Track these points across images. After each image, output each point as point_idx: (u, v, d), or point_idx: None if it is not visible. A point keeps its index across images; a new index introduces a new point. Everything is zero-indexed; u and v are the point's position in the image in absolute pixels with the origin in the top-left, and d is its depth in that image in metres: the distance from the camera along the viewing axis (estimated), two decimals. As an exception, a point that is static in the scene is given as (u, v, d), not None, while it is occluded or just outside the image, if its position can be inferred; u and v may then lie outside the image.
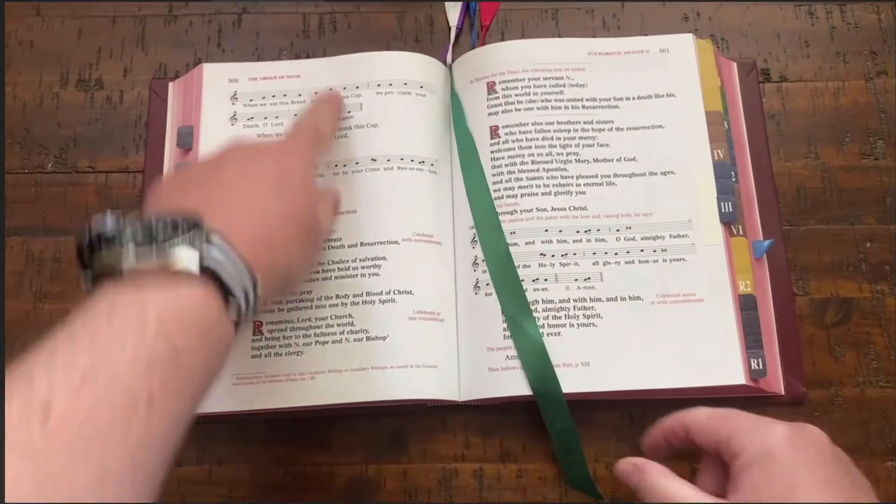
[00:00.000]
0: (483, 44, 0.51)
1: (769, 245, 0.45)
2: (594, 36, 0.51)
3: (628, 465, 0.37)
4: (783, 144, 0.49)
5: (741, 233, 0.45)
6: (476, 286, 0.45)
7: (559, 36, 0.51)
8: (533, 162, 0.46)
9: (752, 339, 0.43)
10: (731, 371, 0.42)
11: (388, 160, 0.46)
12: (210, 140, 0.47)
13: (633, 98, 0.48)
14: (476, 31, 0.52)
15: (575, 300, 0.44)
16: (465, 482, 0.44)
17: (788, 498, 0.31)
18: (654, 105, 0.48)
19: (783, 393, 0.44)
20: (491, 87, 0.48)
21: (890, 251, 0.47)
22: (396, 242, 0.45)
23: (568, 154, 0.46)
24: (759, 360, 0.43)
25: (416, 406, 0.44)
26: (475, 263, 0.45)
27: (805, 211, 0.48)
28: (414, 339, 0.43)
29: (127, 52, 0.52)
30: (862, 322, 0.46)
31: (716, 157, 0.46)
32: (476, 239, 0.45)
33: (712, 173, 0.46)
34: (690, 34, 0.49)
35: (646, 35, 0.50)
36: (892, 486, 0.43)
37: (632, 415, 0.45)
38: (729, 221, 0.45)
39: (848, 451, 0.43)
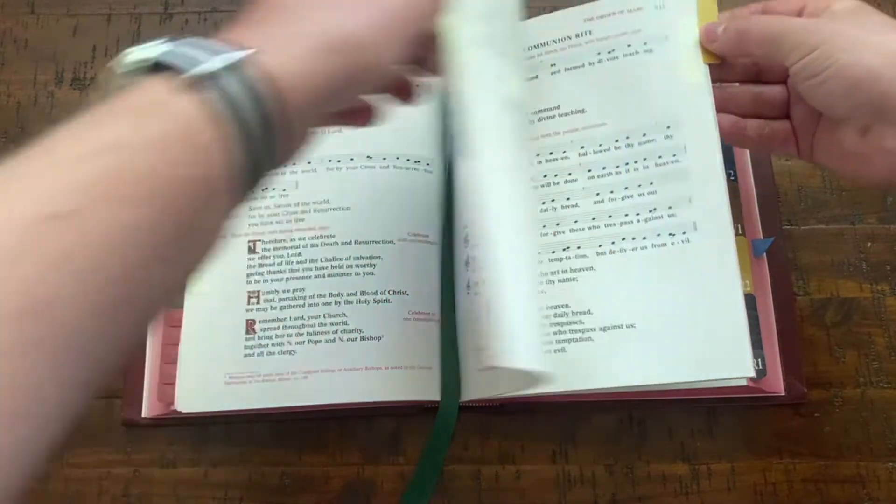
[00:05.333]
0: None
1: (769, 244, 0.45)
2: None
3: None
4: (783, 143, 0.49)
5: (741, 232, 0.45)
6: (467, 286, 0.44)
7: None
8: None
9: (751, 338, 0.42)
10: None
11: (384, 158, 0.46)
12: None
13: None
14: (473, 29, 0.52)
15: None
16: (462, 483, 0.44)
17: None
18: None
19: (783, 393, 0.43)
20: None
21: (891, 251, 0.47)
22: (391, 242, 0.44)
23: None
24: (759, 359, 0.42)
25: (412, 407, 0.43)
26: (467, 263, 0.45)
27: (805, 210, 0.48)
28: (409, 339, 0.43)
29: (122, 50, 0.52)
30: (862, 322, 0.46)
31: None
32: (468, 238, 0.45)
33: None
34: None
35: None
36: (892, 486, 0.43)
37: (631, 417, 0.44)
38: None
39: (848, 452, 0.43)
